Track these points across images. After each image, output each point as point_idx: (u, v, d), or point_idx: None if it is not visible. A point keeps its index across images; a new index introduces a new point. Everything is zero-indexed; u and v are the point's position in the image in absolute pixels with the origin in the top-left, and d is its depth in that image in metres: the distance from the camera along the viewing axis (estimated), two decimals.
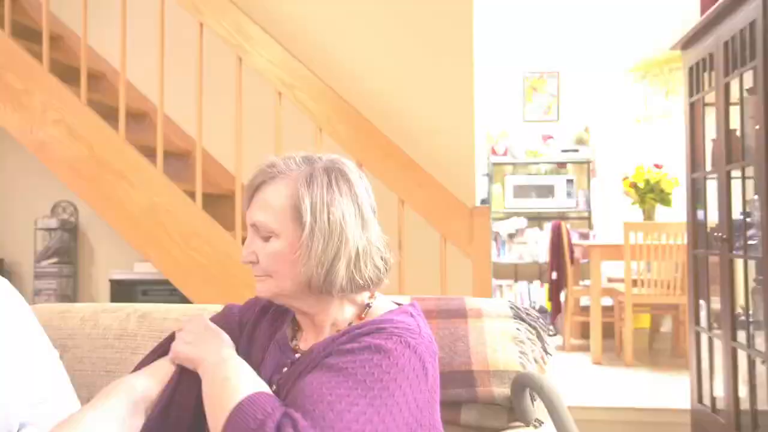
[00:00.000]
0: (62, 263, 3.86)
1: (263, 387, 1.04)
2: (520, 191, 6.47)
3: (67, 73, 3.41)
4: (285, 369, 1.12)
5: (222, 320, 1.26)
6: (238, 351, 1.21)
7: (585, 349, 5.20)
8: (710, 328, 3.00)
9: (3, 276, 1.36)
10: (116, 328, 1.63)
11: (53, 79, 2.97)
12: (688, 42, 3.13)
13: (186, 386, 1.14)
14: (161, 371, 1.16)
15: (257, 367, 1.16)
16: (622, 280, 5.38)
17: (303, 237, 1.07)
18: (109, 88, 3.94)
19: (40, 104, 2.95)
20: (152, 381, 1.15)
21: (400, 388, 0.99)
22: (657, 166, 4.98)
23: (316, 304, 1.13)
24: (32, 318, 1.40)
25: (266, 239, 1.11)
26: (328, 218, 1.07)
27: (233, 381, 1.03)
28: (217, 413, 1.00)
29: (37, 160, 3.06)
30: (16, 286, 4.06)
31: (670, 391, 3.84)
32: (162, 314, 1.63)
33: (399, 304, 1.19)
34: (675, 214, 5.20)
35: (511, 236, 6.51)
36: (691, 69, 3.14)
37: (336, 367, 0.99)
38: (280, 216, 1.09)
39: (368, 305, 1.15)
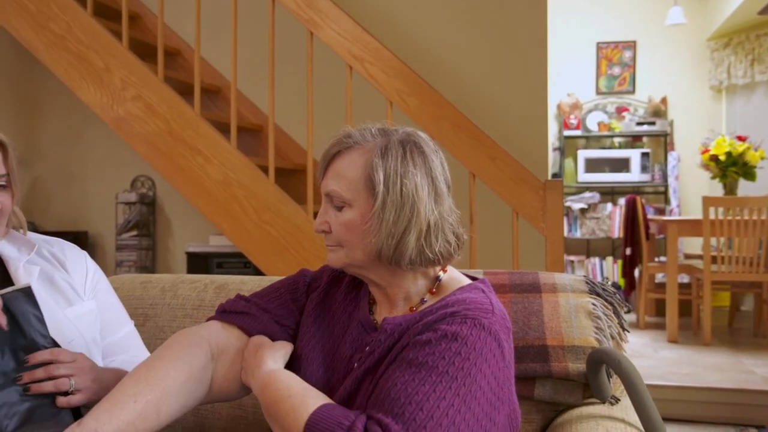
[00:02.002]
0: (141, 236, 4.00)
1: (322, 397, 1.03)
2: (593, 165, 6.31)
3: (144, 51, 3.50)
4: (367, 348, 1.13)
5: (292, 281, 1.29)
6: (303, 313, 1.24)
7: (660, 326, 5.08)
8: None
9: (87, 248, 1.44)
10: (194, 299, 1.68)
11: (132, 56, 3.05)
12: None
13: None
14: (234, 335, 1.20)
15: (336, 343, 1.18)
16: (699, 257, 5.22)
17: (375, 207, 1.07)
18: (183, 65, 4.03)
19: (119, 81, 3.04)
20: (229, 337, 1.19)
21: (480, 372, 0.99)
22: (740, 138, 4.77)
23: (387, 276, 1.13)
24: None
25: (339, 209, 1.12)
26: (401, 190, 1.07)
27: (289, 401, 1.02)
28: None
29: (117, 135, 3.16)
30: (100, 257, 4.25)
31: (752, 371, 3.70)
32: (237, 286, 1.67)
33: (471, 278, 1.18)
34: (758, 188, 5.00)
35: (583, 211, 6.37)
36: None
37: (416, 362, 0.99)
38: (354, 186, 1.10)
39: (439, 278, 1.15)
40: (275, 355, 1.14)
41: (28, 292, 1.19)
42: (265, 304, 1.25)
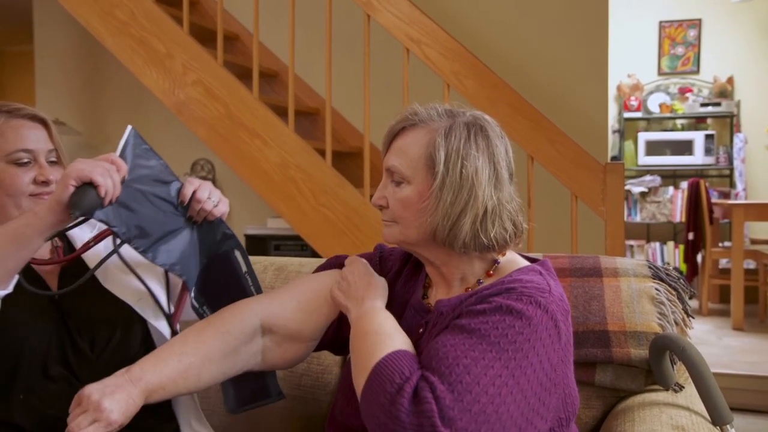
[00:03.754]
0: None
1: (403, 343, 1.04)
2: (654, 148, 6.15)
3: (203, 36, 3.55)
4: (420, 330, 1.13)
5: (366, 257, 1.32)
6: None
7: (723, 313, 4.94)
8: None
9: None
10: None
11: (192, 41, 3.10)
12: None
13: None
14: (311, 305, 1.24)
15: None
16: (766, 242, 5.05)
17: (433, 187, 1.07)
18: (242, 50, 4.07)
19: (180, 66, 3.09)
20: (286, 305, 1.23)
21: (533, 349, 0.97)
22: None
23: (442, 255, 1.13)
24: None
25: (398, 185, 1.12)
26: (461, 172, 1.06)
27: (373, 338, 1.05)
28: (358, 371, 1.03)
29: (177, 119, 3.22)
30: None
31: None
32: (296, 267, 1.69)
33: (531, 260, 1.17)
34: None
35: (643, 195, 6.23)
36: None
37: (468, 328, 0.98)
38: (414, 163, 1.10)
39: (497, 261, 1.14)
40: (384, 294, 1.17)
41: (134, 134, 1.25)
42: None
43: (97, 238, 1.29)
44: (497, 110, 2.71)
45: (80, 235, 1.36)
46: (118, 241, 1.22)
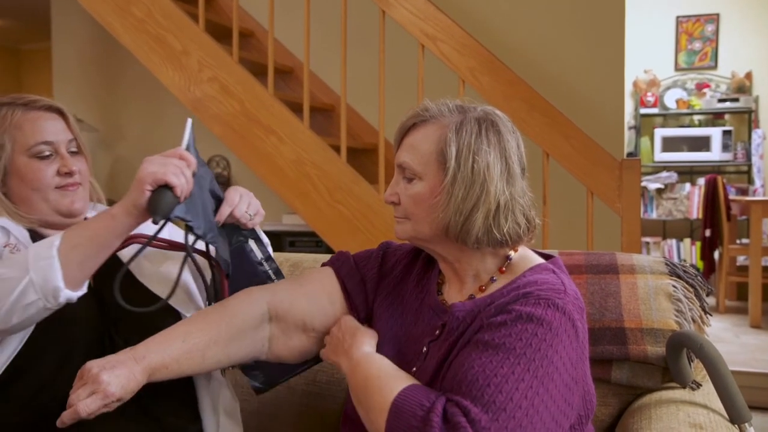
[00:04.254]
0: None
1: (408, 378, 1.04)
2: (671, 144, 6.10)
3: (219, 32, 3.57)
4: (437, 332, 1.13)
5: (367, 252, 1.32)
6: (379, 290, 1.25)
7: (741, 311, 4.90)
8: None
9: None
10: None
11: (208, 38, 3.11)
12: None
13: None
14: (316, 294, 1.25)
15: (409, 330, 1.18)
16: None
17: (445, 182, 1.07)
18: (257, 46, 4.08)
19: (196, 63, 3.11)
20: (291, 292, 1.24)
21: (557, 353, 0.98)
22: None
23: (455, 251, 1.13)
24: None
25: (410, 181, 1.12)
26: (472, 167, 1.06)
27: (376, 382, 1.04)
28: (373, 416, 1.01)
29: (193, 116, 3.23)
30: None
31: None
32: (311, 263, 1.70)
33: (544, 257, 1.16)
34: None
35: (659, 191, 6.18)
36: None
37: (492, 344, 0.98)
38: (426, 159, 1.10)
39: (509, 258, 1.13)
40: (372, 342, 1.16)
41: (192, 128, 1.26)
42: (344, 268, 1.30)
43: (132, 237, 1.27)
44: (512, 106, 2.70)
45: None
46: (192, 236, 1.20)
